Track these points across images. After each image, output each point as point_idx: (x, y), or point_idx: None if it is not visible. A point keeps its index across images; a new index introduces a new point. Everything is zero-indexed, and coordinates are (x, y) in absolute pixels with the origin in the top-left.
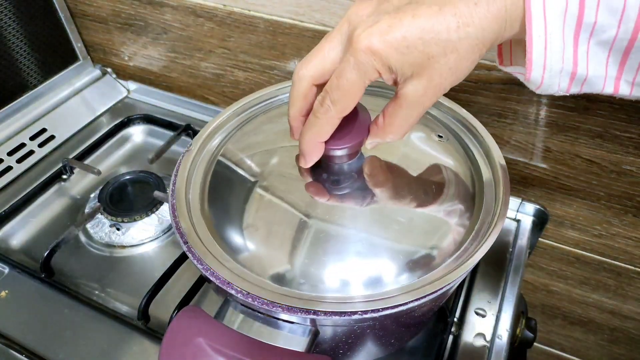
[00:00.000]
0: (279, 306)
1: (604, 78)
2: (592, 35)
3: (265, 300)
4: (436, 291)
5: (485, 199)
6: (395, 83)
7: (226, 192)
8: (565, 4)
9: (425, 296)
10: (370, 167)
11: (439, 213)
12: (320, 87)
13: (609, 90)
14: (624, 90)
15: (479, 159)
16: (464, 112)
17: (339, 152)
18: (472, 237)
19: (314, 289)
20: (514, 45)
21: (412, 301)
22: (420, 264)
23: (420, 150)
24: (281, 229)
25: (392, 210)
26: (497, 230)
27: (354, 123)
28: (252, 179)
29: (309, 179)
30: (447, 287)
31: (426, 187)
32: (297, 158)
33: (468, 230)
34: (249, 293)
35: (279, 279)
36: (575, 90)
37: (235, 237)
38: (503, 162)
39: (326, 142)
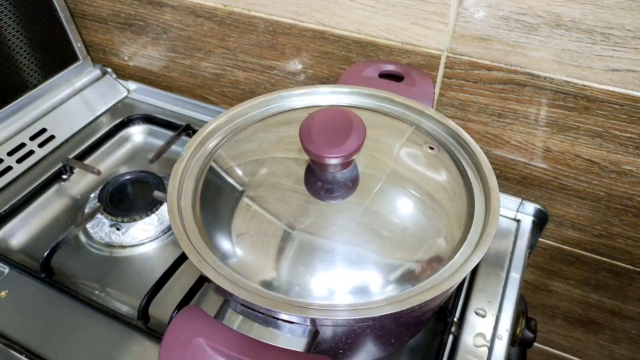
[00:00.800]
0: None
1: None
2: None
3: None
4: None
5: (476, 212)
6: None
7: (218, 200)
8: None
9: (402, 311)
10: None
11: (429, 226)
12: None
13: None
14: None
15: (469, 172)
16: (454, 126)
17: (333, 161)
18: (461, 251)
19: (304, 298)
20: None
21: (388, 314)
22: (406, 277)
23: (412, 162)
24: (272, 240)
25: (382, 222)
26: (484, 248)
27: (349, 133)
28: (243, 188)
29: (302, 187)
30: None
31: (417, 198)
32: None
33: (458, 245)
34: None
35: (272, 289)
36: None
37: (226, 245)
38: (493, 175)
39: (320, 150)
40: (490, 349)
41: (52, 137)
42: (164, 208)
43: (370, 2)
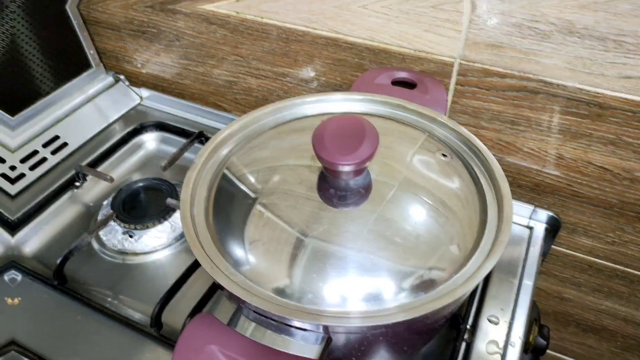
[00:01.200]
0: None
1: None
2: None
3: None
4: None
5: (489, 219)
6: None
7: (230, 207)
8: None
9: (416, 317)
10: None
11: (442, 234)
12: None
13: None
14: None
15: (481, 179)
16: (466, 133)
17: (346, 168)
18: (474, 258)
19: (317, 305)
20: None
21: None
22: (419, 285)
23: (424, 169)
24: (285, 247)
25: (395, 230)
26: (497, 255)
27: (362, 140)
28: (256, 195)
29: (315, 194)
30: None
31: (430, 206)
32: None
33: (470, 252)
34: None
35: (284, 296)
36: None
37: (239, 252)
38: (506, 182)
39: (333, 157)
40: (503, 356)
41: (64, 145)
42: (176, 215)
43: (383, 9)
